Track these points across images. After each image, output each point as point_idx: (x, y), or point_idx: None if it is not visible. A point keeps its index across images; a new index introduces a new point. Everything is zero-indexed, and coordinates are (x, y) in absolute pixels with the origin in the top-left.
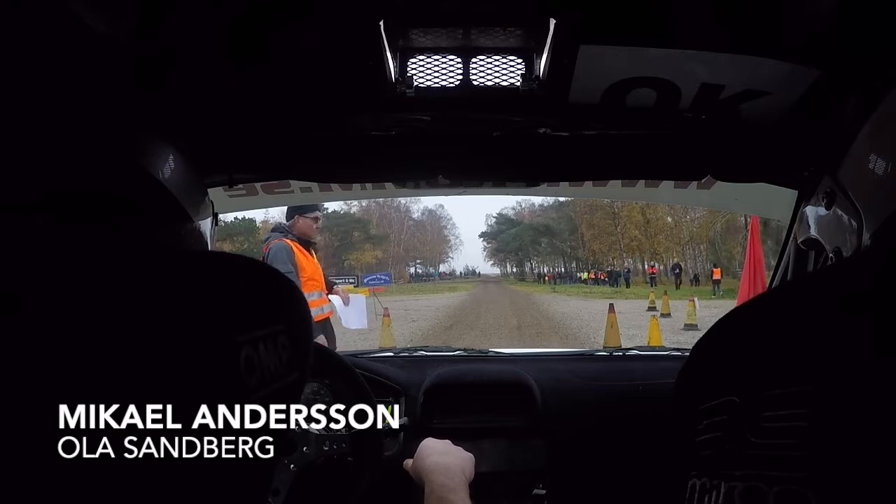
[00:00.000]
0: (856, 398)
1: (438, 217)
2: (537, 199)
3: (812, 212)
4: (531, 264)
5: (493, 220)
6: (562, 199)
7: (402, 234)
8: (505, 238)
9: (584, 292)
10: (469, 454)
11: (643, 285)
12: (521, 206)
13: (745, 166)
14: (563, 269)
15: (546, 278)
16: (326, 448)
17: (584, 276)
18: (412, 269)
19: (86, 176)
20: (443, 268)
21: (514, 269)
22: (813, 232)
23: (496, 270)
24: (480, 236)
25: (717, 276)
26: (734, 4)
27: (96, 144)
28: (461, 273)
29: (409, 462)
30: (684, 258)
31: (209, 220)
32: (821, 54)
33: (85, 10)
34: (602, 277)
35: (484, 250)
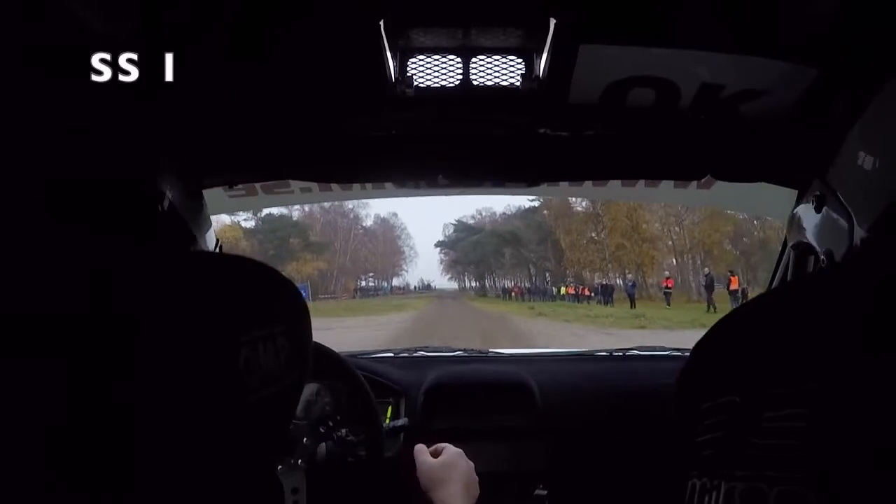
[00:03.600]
0: (856, 398)
1: (392, 226)
2: (499, 207)
3: (803, 214)
4: (493, 278)
5: (452, 227)
6: (527, 205)
7: (349, 243)
8: (464, 247)
9: (586, 315)
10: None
11: (651, 302)
12: (481, 214)
13: (744, 166)
14: (530, 283)
15: (513, 293)
16: (324, 432)
17: (563, 290)
18: (363, 283)
19: (88, 188)
20: (396, 281)
21: (475, 284)
22: (805, 236)
23: (454, 285)
24: (437, 245)
25: (734, 286)
26: (734, 4)
27: (100, 152)
28: (416, 287)
29: (426, 458)
30: (680, 271)
31: (212, 233)
32: (820, 54)
33: (85, 10)
34: (585, 293)
35: (441, 263)
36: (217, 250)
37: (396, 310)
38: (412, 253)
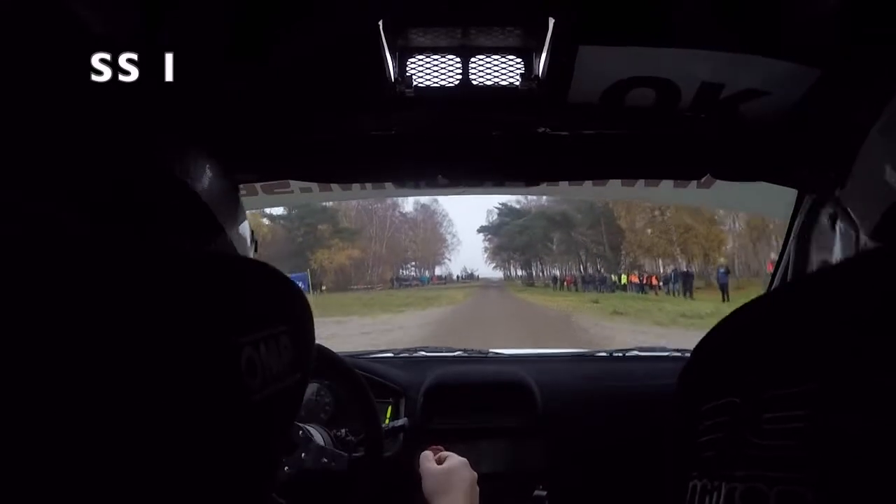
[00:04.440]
0: (855, 399)
1: (433, 212)
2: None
3: (808, 222)
4: (540, 265)
5: (496, 211)
6: None
7: (385, 231)
8: (509, 231)
9: (679, 314)
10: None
11: (743, 291)
12: (526, 198)
13: (744, 166)
14: (582, 271)
15: (565, 283)
16: (326, 461)
17: (624, 279)
18: (403, 272)
19: (109, 183)
20: (439, 270)
21: (521, 272)
22: (811, 243)
23: (499, 274)
24: (480, 231)
25: None
26: (734, 4)
27: (114, 150)
28: (458, 276)
29: (431, 465)
30: (755, 255)
31: (246, 225)
32: (821, 54)
33: (85, 10)
34: (651, 282)
35: (485, 251)
36: (253, 248)
37: (423, 305)
38: (455, 241)
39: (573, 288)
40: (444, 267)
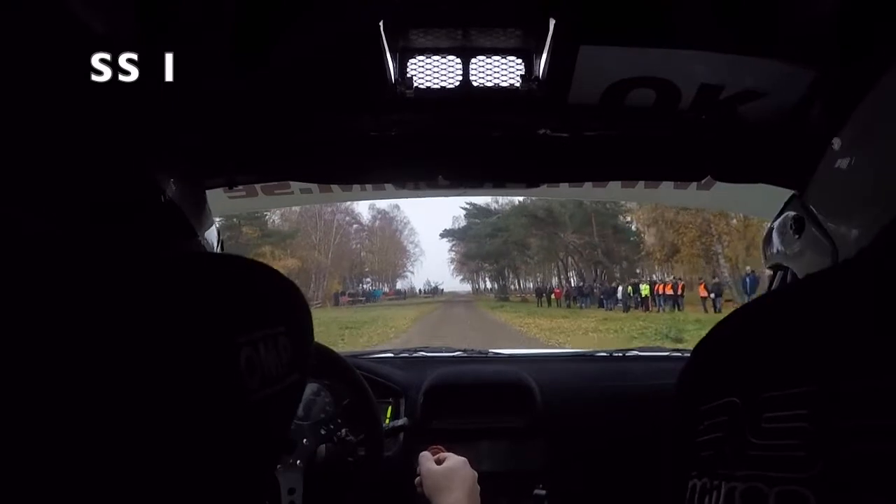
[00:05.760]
0: (855, 399)
1: (391, 219)
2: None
3: (778, 237)
4: (514, 276)
5: (463, 214)
6: None
7: (331, 238)
8: (479, 233)
9: None
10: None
11: None
12: (497, 202)
13: (744, 167)
14: (571, 281)
15: (553, 296)
16: (324, 432)
17: (644, 290)
18: (361, 286)
19: (89, 185)
20: (401, 284)
21: (493, 284)
22: (780, 257)
23: (467, 287)
24: (443, 235)
25: None
26: (734, 5)
27: (99, 152)
28: (421, 290)
29: (431, 465)
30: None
31: (213, 230)
32: (820, 55)
33: (84, 10)
34: (704, 293)
35: (451, 262)
36: (219, 247)
37: (354, 329)
38: (417, 251)
39: (564, 303)
40: (407, 280)
